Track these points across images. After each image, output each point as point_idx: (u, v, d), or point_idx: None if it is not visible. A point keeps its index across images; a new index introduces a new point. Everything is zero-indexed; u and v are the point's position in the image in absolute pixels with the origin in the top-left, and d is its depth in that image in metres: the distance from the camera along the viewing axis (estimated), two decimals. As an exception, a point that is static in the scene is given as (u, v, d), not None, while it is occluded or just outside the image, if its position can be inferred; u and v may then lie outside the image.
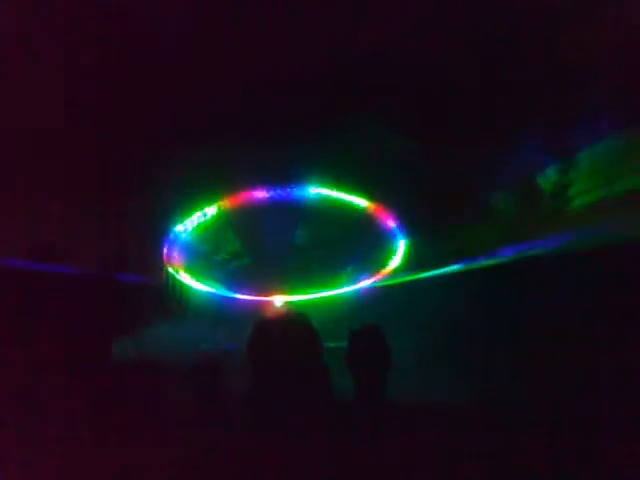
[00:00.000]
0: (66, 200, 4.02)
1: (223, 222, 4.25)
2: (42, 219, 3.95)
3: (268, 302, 4.60)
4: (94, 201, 4.08)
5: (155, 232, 4.40)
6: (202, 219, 4.27)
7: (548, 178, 4.06)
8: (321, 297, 4.55)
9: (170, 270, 4.55)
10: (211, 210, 4.21)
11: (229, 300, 4.66)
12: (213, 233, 4.35)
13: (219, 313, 4.62)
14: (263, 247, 4.33)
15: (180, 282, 4.60)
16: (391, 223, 4.36)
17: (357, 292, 4.59)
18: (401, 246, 4.48)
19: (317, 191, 4.11)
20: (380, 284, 4.56)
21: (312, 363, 1.46)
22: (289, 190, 4.08)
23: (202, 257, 4.52)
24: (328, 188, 4.12)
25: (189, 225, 4.33)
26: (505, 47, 3.28)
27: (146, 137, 3.76)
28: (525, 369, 3.73)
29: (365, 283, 4.59)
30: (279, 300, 4.60)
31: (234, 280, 4.56)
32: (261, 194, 4.06)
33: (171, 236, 4.38)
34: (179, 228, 4.36)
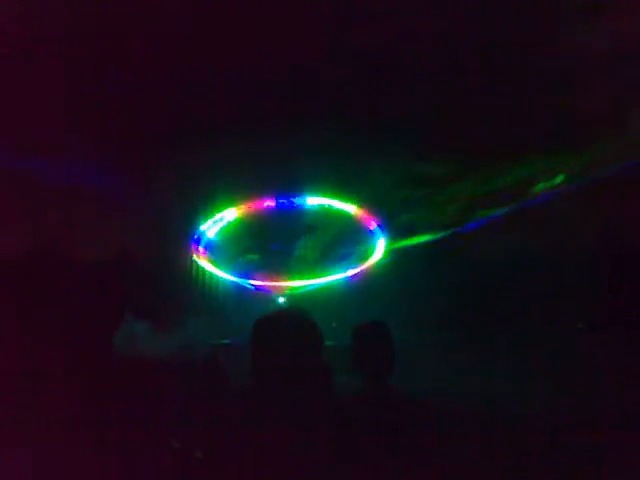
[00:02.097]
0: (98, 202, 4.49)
1: (240, 224, 5.17)
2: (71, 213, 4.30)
3: (275, 288, 5.50)
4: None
5: (184, 230, 5.22)
6: (223, 221, 5.18)
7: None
8: (317, 284, 5.42)
9: (195, 260, 5.39)
10: (231, 214, 5.15)
11: (243, 286, 5.50)
12: (232, 232, 5.23)
13: (233, 299, 5.38)
14: (271, 244, 5.25)
15: (203, 270, 5.43)
16: (373, 225, 5.30)
17: (346, 279, 5.46)
18: (381, 243, 5.41)
19: (314, 200, 5.06)
20: (364, 272, 5.46)
21: (313, 360, 1.38)
22: (292, 199, 5.05)
23: (222, 251, 5.38)
24: (323, 198, 5.06)
25: (213, 225, 5.23)
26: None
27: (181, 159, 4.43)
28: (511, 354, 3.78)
29: (352, 272, 5.48)
30: (284, 285, 5.48)
31: (248, 270, 5.42)
32: (270, 202, 5.04)
33: (198, 233, 5.27)
34: (204, 227, 5.26)
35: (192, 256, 5.31)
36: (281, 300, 5.56)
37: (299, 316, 1.47)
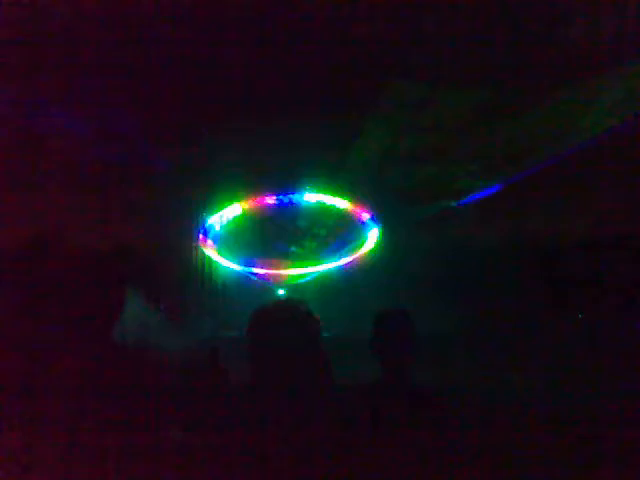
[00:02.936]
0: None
1: (244, 219, 5.66)
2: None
3: (276, 278, 6.00)
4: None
5: (192, 222, 5.52)
6: (229, 215, 5.68)
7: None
8: (314, 272, 5.96)
9: (202, 249, 5.83)
10: (236, 209, 5.64)
11: (246, 276, 6.05)
12: (236, 226, 5.74)
13: (238, 289, 5.80)
14: (272, 237, 5.78)
15: (211, 261, 5.94)
16: (365, 217, 5.79)
17: (340, 267, 6.02)
18: (372, 234, 5.93)
19: (310, 196, 5.55)
20: (357, 261, 6.00)
21: (311, 350, 1.37)
22: (290, 196, 5.55)
23: (228, 243, 5.90)
24: (319, 194, 5.55)
25: (220, 218, 5.71)
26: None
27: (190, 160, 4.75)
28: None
29: (346, 260, 6.05)
30: (284, 275, 5.99)
31: (251, 261, 5.98)
32: (271, 199, 5.54)
33: (205, 226, 5.75)
34: (211, 220, 5.73)
35: (200, 248, 5.72)
36: (280, 292, 5.96)
37: (296, 307, 1.46)
